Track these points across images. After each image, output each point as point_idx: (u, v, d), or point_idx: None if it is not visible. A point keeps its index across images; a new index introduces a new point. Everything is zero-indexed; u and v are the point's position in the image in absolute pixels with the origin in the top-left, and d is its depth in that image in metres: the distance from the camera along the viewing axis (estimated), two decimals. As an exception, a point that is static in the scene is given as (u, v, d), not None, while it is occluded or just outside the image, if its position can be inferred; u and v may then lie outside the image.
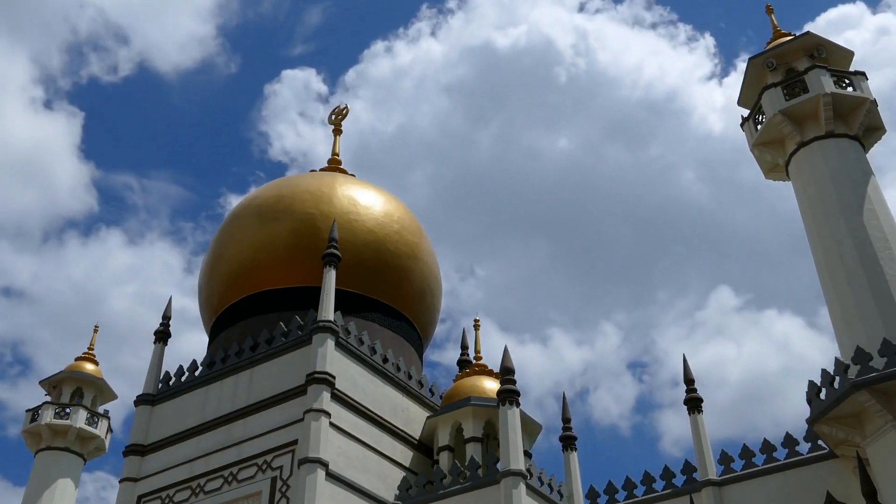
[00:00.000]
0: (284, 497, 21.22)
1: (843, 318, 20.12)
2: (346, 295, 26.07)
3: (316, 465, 20.92)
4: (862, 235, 20.76)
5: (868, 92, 23.33)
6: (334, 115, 34.65)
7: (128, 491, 24.30)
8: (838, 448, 18.30)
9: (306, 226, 27.07)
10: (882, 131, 23.83)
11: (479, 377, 26.04)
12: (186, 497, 23.17)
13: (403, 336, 27.88)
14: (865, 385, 16.99)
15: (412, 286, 28.28)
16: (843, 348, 19.63)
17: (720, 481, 20.09)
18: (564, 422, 25.91)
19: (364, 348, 24.48)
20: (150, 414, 25.70)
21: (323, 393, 22.04)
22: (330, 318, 23.47)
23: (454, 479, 22.03)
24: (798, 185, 23.05)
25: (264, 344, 24.66)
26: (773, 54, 24.87)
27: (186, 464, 23.77)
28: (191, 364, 26.13)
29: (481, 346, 28.47)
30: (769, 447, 20.08)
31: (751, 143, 24.59)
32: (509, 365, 22.39)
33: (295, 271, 26.74)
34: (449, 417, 24.49)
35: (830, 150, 22.55)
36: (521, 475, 20.59)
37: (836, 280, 20.71)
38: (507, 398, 21.82)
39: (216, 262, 28.59)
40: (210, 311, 28.65)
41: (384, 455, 23.51)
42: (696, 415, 21.46)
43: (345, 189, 28.68)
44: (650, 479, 21.39)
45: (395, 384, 25.10)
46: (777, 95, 23.56)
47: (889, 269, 20.04)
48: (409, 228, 29.00)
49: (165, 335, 27.41)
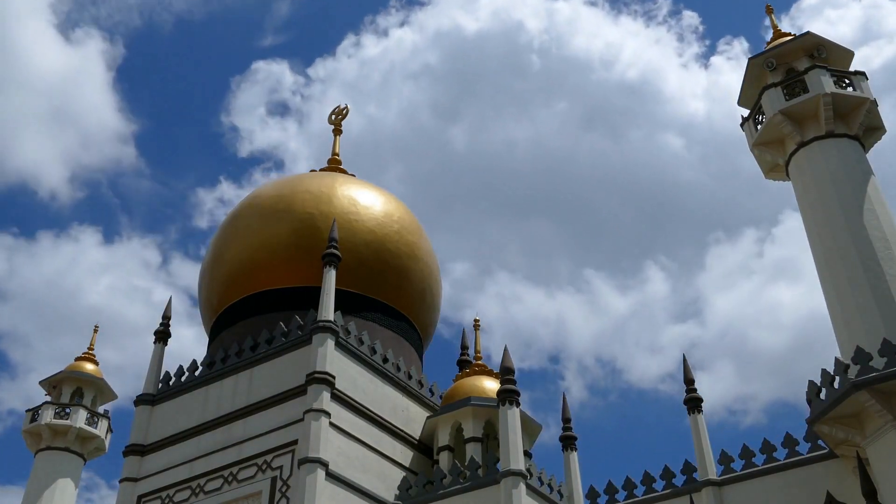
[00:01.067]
0: (284, 497, 21.22)
1: (843, 318, 20.13)
2: (346, 295, 26.08)
3: (316, 465, 20.93)
4: (862, 235, 20.77)
5: (868, 92, 23.34)
6: (334, 115, 34.61)
7: (128, 491, 24.31)
8: (838, 448, 18.30)
9: (306, 226, 27.08)
10: (882, 131, 23.84)
11: (479, 377, 26.04)
12: (186, 497, 23.18)
13: (403, 336, 27.88)
14: (865, 385, 16.99)
15: (412, 286, 28.29)
16: (843, 348, 19.64)
17: (720, 481, 20.10)
18: (564, 422, 25.93)
19: (364, 348, 24.48)
20: (150, 414, 25.70)
21: (323, 393, 22.05)
22: (330, 318, 23.47)
23: (454, 479, 22.04)
24: (798, 185, 23.05)
25: (264, 344, 24.66)
26: (773, 54, 24.87)
27: (186, 464, 23.77)
28: (191, 364, 26.14)
29: (481, 346, 28.53)
30: (769, 447, 20.09)
31: (751, 143, 24.59)
32: (509, 365, 22.40)
33: (295, 271, 26.74)
34: (449, 417, 24.50)
35: (830, 150, 22.55)
36: (521, 475, 20.59)
37: (836, 280, 20.71)
38: (507, 398, 21.82)
39: (216, 262, 28.59)
40: (210, 311, 28.65)
41: (384, 455, 23.51)
42: (696, 415, 21.47)
43: (345, 189, 28.69)
44: (650, 479, 21.40)
45: (395, 384, 25.10)
46: (777, 95, 23.57)
47: (889, 269, 20.05)
48: (409, 228, 29.00)
49: (165, 335, 27.41)
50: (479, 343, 28.66)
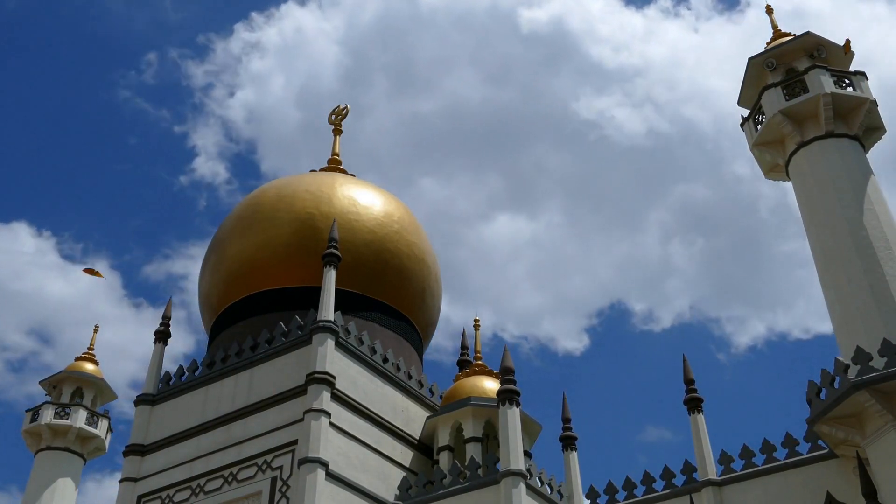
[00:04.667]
0: (284, 497, 21.23)
1: (843, 318, 20.12)
2: (347, 295, 26.08)
3: (316, 465, 20.93)
4: (862, 235, 20.76)
5: (868, 92, 23.33)
6: (334, 115, 34.56)
7: (128, 491, 24.32)
8: (838, 448, 18.29)
9: (306, 226, 27.08)
10: (882, 131, 23.82)
11: (479, 377, 26.04)
12: (186, 497, 23.18)
13: (403, 336, 27.89)
14: (865, 385, 16.99)
15: (412, 286, 28.29)
16: (843, 348, 19.63)
17: (720, 481, 20.08)
18: (564, 422, 25.93)
19: (364, 348, 24.49)
20: (149, 414, 25.70)
21: (323, 393, 22.05)
22: (330, 317, 23.47)
23: (454, 479, 22.04)
24: (798, 185, 23.05)
25: (264, 344, 24.66)
26: (772, 54, 24.87)
27: (186, 464, 23.78)
28: (191, 364, 26.15)
29: (481, 346, 28.54)
30: (769, 447, 20.06)
31: (751, 143, 24.58)
32: (509, 365, 22.40)
33: (295, 271, 26.75)
34: (449, 417, 24.50)
35: (830, 150, 22.54)
36: (521, 475, 20.60)
37: (836, 280, 20.71)
38: (507, 398, 21.82)
39: (216, 262, 28.59)
40: (210, 311, 28.65)
41: (384, 455, 23.52)
42: (696, 415, 21.46)
43: (345, 189, 28.70)
44: (650, 479, 21.38)
45: (395, 384, 25.10)
46: (777, 95, 23.56)
47: (889, 269, 20.04)
48: (409, 228, 29.01)
49: (165, 335, 27.40)
50: (479, 343, 28.70)
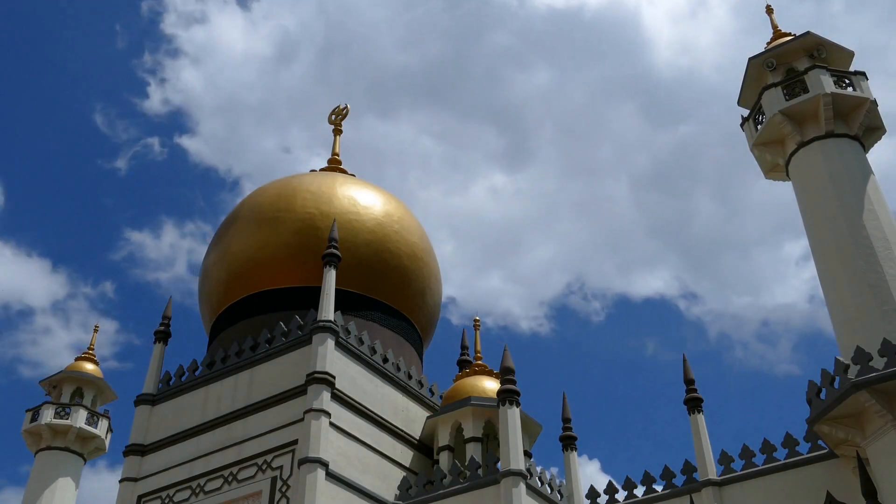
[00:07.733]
0: (284, 497, 21.22)
1: (843, 318, 20.12)
2: (347, 295, 26.08)
3: (316, 465, 20.92)
4: (862, 235, 20.77)
5: (868, 92, 23.32)
6: (334, 115, 34.57)
7: (128, 491, 24.31)
8: (838, 448, 18.29)
9: (306, 226, 27.08)
10: (882, 131, 23.82)
11: (479, 377, 26.03)
12: (186, 497, 23.18)
13: (403, 336, 27.88)
14: (865, 385, 16.99)
15: (412, 286, 28.29)
16: (843, 348, 19.63)
17: (720, 481, 20.09)
18: (564, 422, 25.92)
19: (364, 348, 24.48)
20: (149, 414, 25.70)
21: (323, 393, 22.05)
22: (330, 317, 23.47)
23: (454, 479, 22.04)
24: (798, 185, 23.05)
25: (264, 344, 24.66)
26: (772, 54, 24.86)
27: (186, 464, 23.77)
28: (191, 364, 26.14)
29: (481, 346, 28.51)
30: (769, 447, 20.07)
31: (751, 143, 24.58)
32: (509, 365, 22.40)
33: (295, 271, 26.74)
34: (449, 417, 24.49)
35: (830, 150, 22.54)
36: (521, 475, 20.59)
37: (836, 280, 20.71)
38: (507, 398, 21.82)
39: (216, 262, 28.59)
40: (210, 311, 28.65)
41: (384, 455, 23.51)
42: (696, 415, 21.46)
43: (345, 189, 28.69)
44: (650, 479, 21.39)
45: (395, 384, 25.10)
46: (777, 95, 23.55)
47: (889, 269, 20.04)
48: (409, 228, 29.00)
49: (165, 335, 27.39)
50: (479, 343, 28.68)
